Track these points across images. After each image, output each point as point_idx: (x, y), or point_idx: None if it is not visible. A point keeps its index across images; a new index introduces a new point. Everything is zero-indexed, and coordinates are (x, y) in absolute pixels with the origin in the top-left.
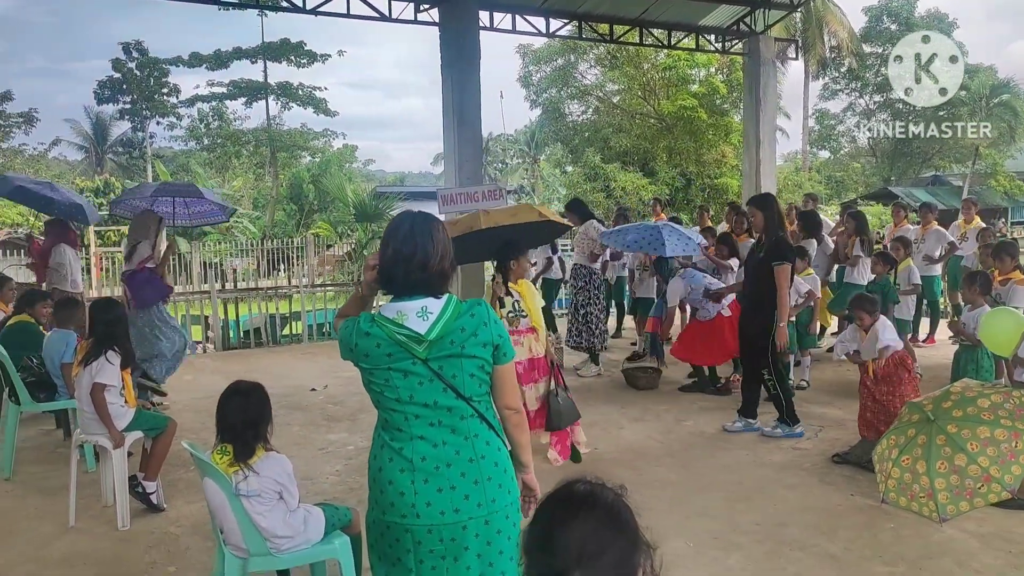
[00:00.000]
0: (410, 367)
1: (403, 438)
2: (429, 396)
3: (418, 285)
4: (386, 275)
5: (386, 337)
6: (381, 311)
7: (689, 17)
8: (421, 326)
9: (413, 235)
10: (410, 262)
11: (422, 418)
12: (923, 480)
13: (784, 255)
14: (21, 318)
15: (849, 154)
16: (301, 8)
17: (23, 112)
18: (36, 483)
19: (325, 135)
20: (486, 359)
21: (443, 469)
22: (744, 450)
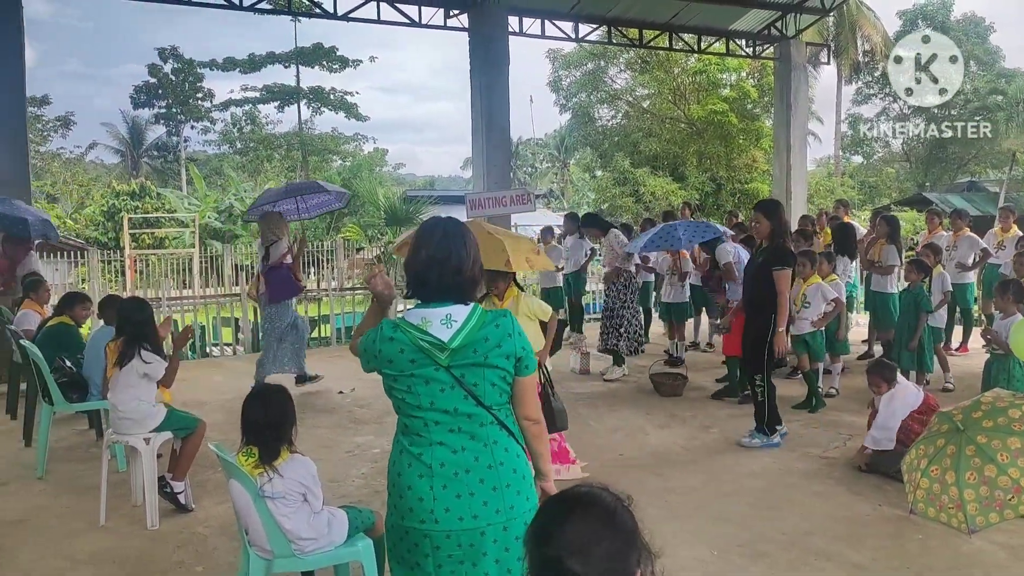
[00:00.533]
0: (432, 373)
1: (422, 443)
2: (450, 403)
3: (451, 290)
4: (419, 280)
5: (409, 343)
6: (405, 317)
7: (720, 21)
8: (444, 334)
9: (447, 240)
10: (444, 267)
11: (442, 424)
12: (952, 491)
13: (785, 260)
14: (61, 319)
15: (883, 159)
16: (333, 14)
17: (60, 116)
18: (68, 482)
19: (356, 139)
20: (508, 370)
21: (462, 475)
22: (770, 458)
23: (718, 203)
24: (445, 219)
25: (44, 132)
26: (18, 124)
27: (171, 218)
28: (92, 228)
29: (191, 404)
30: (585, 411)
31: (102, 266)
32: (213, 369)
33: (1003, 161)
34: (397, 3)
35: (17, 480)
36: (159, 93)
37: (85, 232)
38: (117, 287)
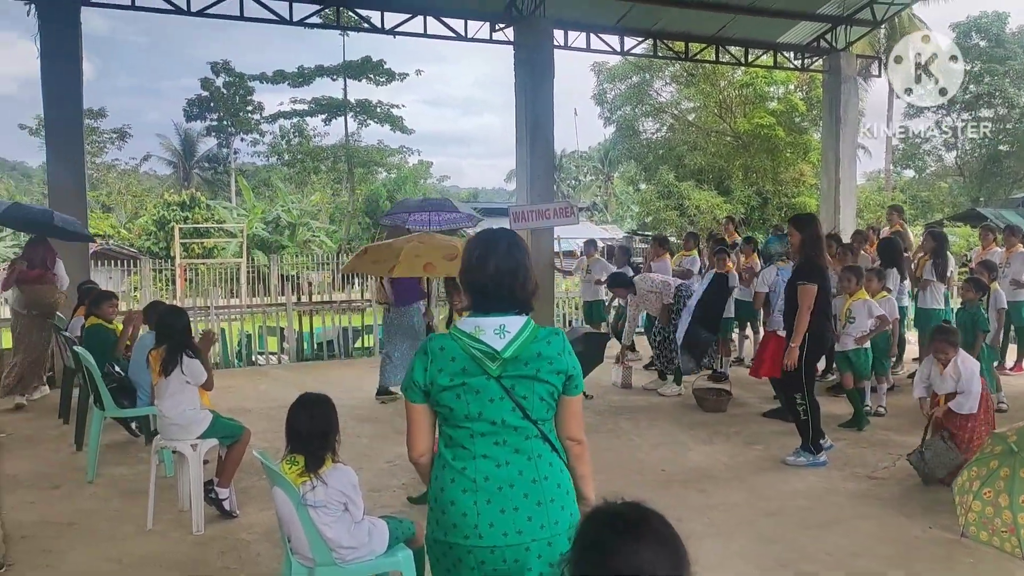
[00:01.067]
0: (483, 383)
1: (466, 457)
2: (497, 414)
3: (515, 300)
4: (484, 292)
5: (461, 351)
6: (457, 326)
7: (767, 34)
8: (497, 343)
9: (511, 251)
10: (513, 278)
11: (487, 436)
12: (1005, 515)
13: (810, 275)
14: (94, 321)
15: (935, 173)
16: (380, 29)
17: (116, 128)
18: (117, 486)
19: (401, 151)
20: (557, 387)
21: (506, 489)
22: (816, 477)
23: (764, 217)
24: (505, 230)
25: (100, 144)
26: (76, 137)
27: (220, 228)
28: (144, 238)
29: (236, 412)
30: (627, 425)
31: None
32: (258, 377)
33: None
34: (443, 17)
35: (68, 483)
36: (211, 106)
37: (138, 242)
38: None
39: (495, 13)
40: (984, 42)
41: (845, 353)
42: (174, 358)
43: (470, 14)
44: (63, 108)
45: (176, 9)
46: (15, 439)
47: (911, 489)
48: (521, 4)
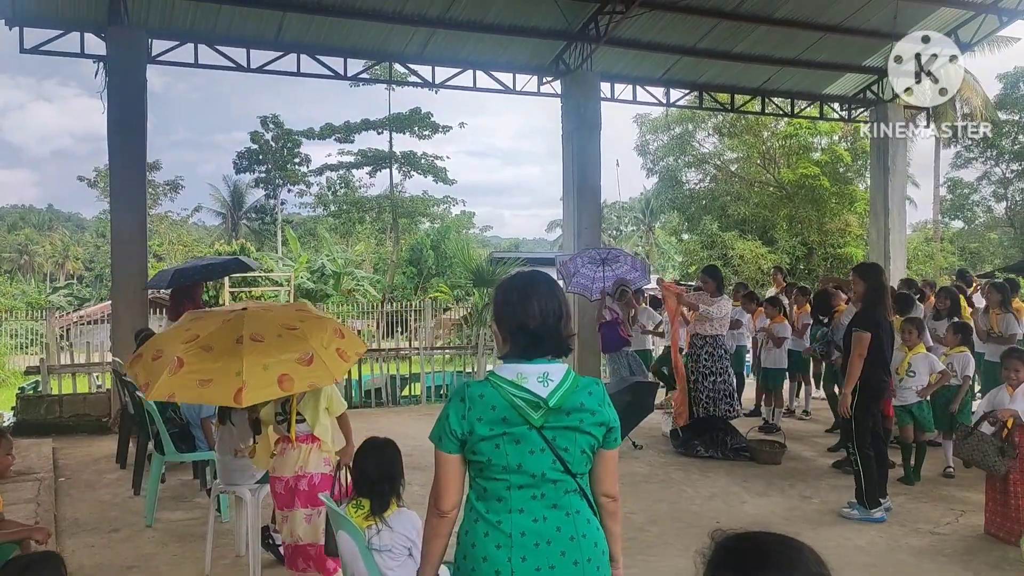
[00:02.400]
0: (524, 433)
1: (501, 510)
2: (537, 466)
3: (560, 342)
4: (527, 333)
5: (502, 399)
6: (496, 372)
7: (812, 86)
8: (542, 391)
9: (553, 290)
10: (558, 317)
11: (525, 489)
12: None
13: (865, 324)
14: None
15: (985, 224)
16: (431, 83)
17: (170, 180)
18: (175, 530)
19: (445, 201)
20: (598, 439)
21: (543, 547)
22: (877, 532)
23: (809, 267)
24: (540, 272)
25: (154, 195)
26: (139, 190)
27: (267, 278)
28: None
29: None
30: (678, 476)
31: None
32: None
33: None
34: (492, 71)
35: (128, 527)
36: (259, 158)
37: None
38: None
39: (542, 67)
40: None
41: (907, 407)
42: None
43: (519, 68)
44: (128, 161)
45: (237, 66)
46: (74, 483)
47: (975, 545)
48: (569, 58)
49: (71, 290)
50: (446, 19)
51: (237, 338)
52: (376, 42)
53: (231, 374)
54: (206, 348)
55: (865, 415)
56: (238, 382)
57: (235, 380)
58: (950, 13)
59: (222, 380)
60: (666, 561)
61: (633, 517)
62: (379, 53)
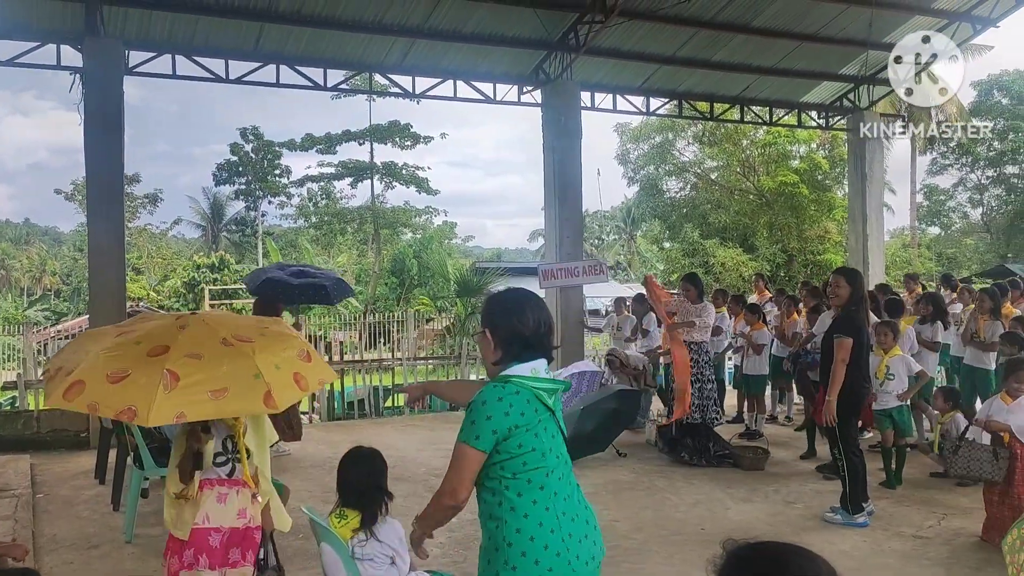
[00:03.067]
0: (548, 420)
1: (546, 497)
2: (559, 448)
3: (550, 349)
4: (529, 343)
5: (530, 392)
6: (510, 374)
7: (790, 94)
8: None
9: (541, 306)
10: (550, 328)
11: (556, 472)
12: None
13: (847, 329)
14: None
15: (961, 230)
16: (410, 93)
17: (149, 193)
18: (155, 546)
19: (427, 212)
20: None
21: (577, 520)
22: (860, 536)
23: (789, 274)
24: (527, 290)
25: (133, 208)
26: (116, 203)
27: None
28: (174, 299)
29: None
30: (662, 483)
31: None
32: None
33: None
34: (472, 81)
35: (107, 543)
36: (239, 170)
37: (167, 303)
38: None
39: (523, 76)
40: (1007, 100)
41: (887, 411)
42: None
43: (499, 78)
44: (105, 174)
45: (215, 77)
46: (52, 499)
47: (958, 549)
48: (549, 67)
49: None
50: (426, 29)
51: (221, 340)
52: (356, 52)
53: (248, 377)
54: (193, 356)
55: (849, 420)
56: (262, 385)
57: (257, 383)
58: (924, 21)
59: (241, 386)
60: (650, 568)
61: (617, 525)
62: (359, 63)
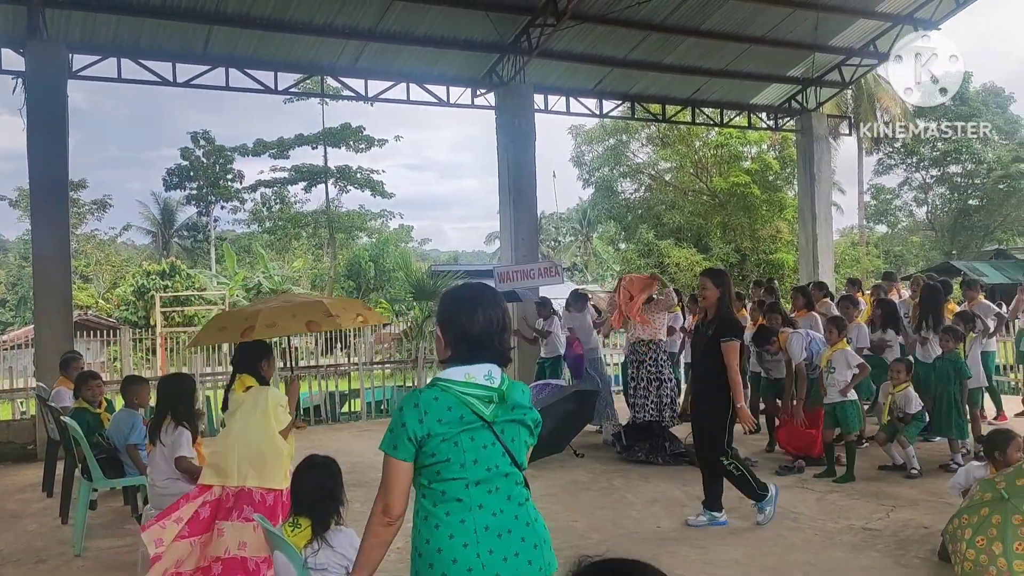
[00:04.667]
0: (477, 429)
1: (462, 510)
2: (491, 460)
3: (501, 350)
4: (475, 342)
5: (455, 400)
6: (442, 377)
7: (740, 96)
8: (492, 384)
9: (496, 302)
10: (501, 327)
11: (482, 485)
12: (1000, 562)
13: (734, 331)
14: (80, 405)
15: (907, 228)
16: (364, 96)
17: (97, 199)
18: (106, 559)
19: (382, 215)
20: (533, 433)
21: (505, 536)
22: (812, 530)
23: (743, 274)
24: (484, 284)
25: (80, 215)
26: (61, 209)
27: (200, 296)
28: (123, 308)
29: None
30: (619, 482)
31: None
32: None
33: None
34: (425, 84)
35: (55, 557)
36: (190, 175)
37: (116, 311)
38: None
39: (476, 79)
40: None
41: (832, 406)
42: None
43: (452, 80)
44: (49, 180)
45: (163, 80)
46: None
47: (906, 540)
48: (502, 70)
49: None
50: (377, 31)
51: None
52: (307, 55)
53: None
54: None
55: (733, 423)
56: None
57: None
58: (869, 24)
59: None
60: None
61: (575, 524)
62: (310, 66)
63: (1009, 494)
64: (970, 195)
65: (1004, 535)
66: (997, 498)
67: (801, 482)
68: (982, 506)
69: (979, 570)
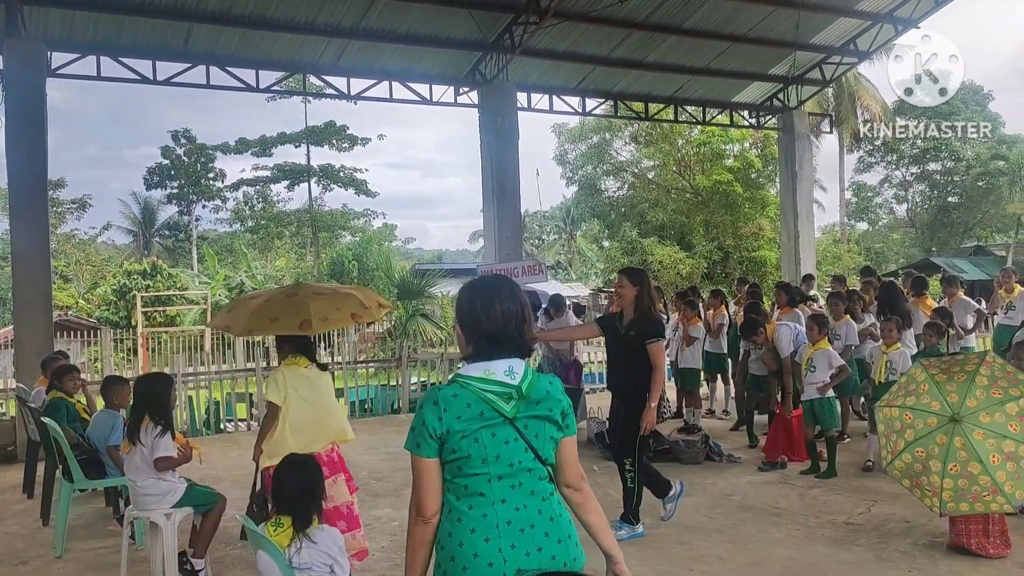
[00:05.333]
0: (499, 425)
1: (484, 504)
2: (514, 456)
3: (521, 344)
4: (492, 337)
5: (475, 396)
6: (462, 373)
7: (722, 94)
8: (512, 381)
9: (514, 295)
10: (520, 320)
11: (504, 479)
12: (933, 478)
13: (657, 331)
14: (56, 395)
15: (888, 225)
16: (346, 95)
17: (76, 199)
18: (87, 560)
19: (366, 214)
20: (562, 426)
21: (528, 531)
22: (795, 525)
23: (726, 271)
24: (498, 276)
25: (60, 214)
26: (40, 209)
27: (182, 296)
28: (104, 308)
29: (207, 480)
30: (603, 479)
31: (115, 344)
32: (228, 445)
33: (1008, 225)
34: (408, 82)
35: (37, 559)
36: (171, 174)
37: (97, 312)
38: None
39: (459, 77)
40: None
41: (810, 403)
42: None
43: (435, 79)
44: (28, 179)
45: (143, 79)
46: None
47: (887, 534)
48: (485, 68)
49: None
50: (359, 29)
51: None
52: (289, 53)
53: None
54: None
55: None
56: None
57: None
58: (849, 23)
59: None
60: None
61: None
62: (292, 64)
63: (961, 415)
64: (949, 192)
65: (944, 456)
66: (947, 417)
67: (784, 478)
68: (930, 416)
69: (911, 474)
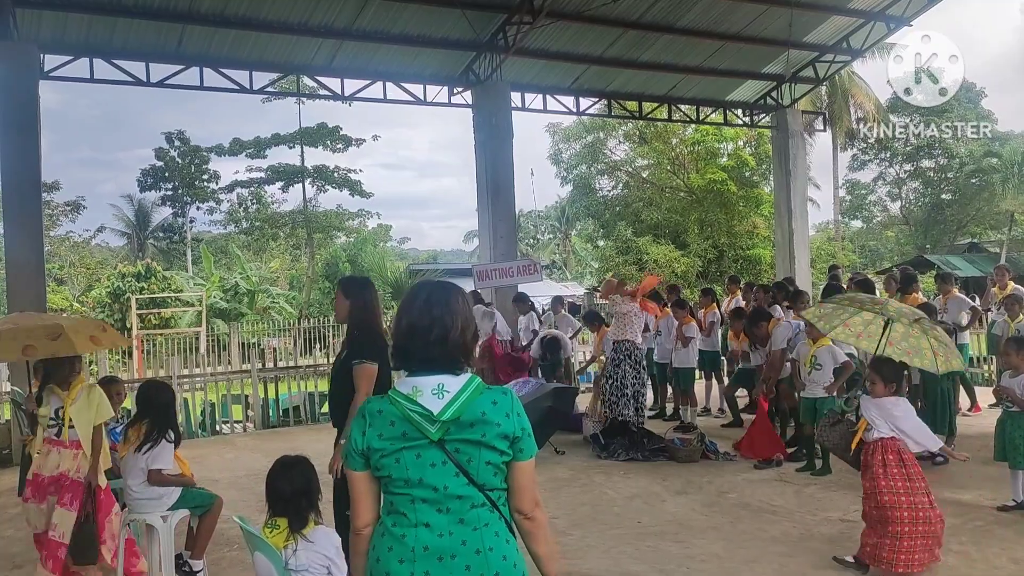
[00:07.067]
0: (424, 447)
1: (406, 524)
2: (439, 480)
3: (437, 360)
4: (401, 351)
5: (399, 414)
6: (396, 387)
7: (716, 93)
8: (435, 404)
9: (429, 307)
10: (427, 336)
11: (429, 503)
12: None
13: (368, 352)
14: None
15: (882, 223)
16: (340, 96)
17: (70, 201)
18: None
19: (360, 215)
20: (506, 451)
21: (447, 561)
22: (791, 523)
23: (720, 269)
24: (432, 283)
25: (53, 216)
26: (34, 211)
27: (177, 298)
28: (99, 310)
29: (204, 482)
30: (600, 478)
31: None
32: (224, 447)
33: (1002, 222)
34: (402, 83)
35: (33, 563)
36: (165, 176)
37: (92, 314)
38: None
39: (453, 77)
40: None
41: (813, 401)
42: (155, 435)
43: (429, 79)
44: (21, 182)
45: (136, 81)
46: None
47: None
48: (479, 68)
49: None
50: (353, 30)
51: None
52: (283, 54)
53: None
54: None
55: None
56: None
57: None
58: (841, 21)
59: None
60: (590, 563)
61: (556, 521)
62: (286, 65)
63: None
64: (943, 189)
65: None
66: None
67: (780, 476)
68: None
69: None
